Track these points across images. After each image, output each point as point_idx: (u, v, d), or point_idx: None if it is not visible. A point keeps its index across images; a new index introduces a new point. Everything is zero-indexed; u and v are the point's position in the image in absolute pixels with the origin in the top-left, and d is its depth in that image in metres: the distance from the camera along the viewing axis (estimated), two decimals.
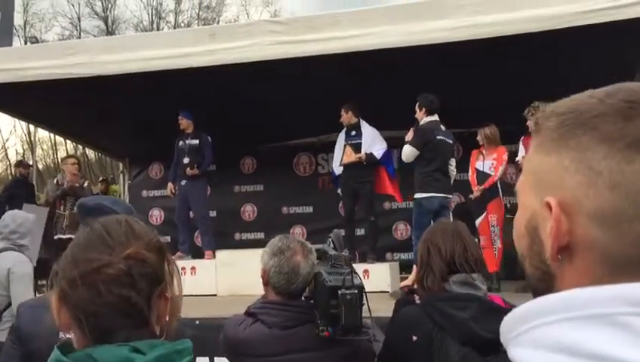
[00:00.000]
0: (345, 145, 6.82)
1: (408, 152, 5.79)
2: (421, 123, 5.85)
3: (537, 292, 0.64)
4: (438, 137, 5.78)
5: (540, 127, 0.68)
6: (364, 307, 2.05)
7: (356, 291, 1.97)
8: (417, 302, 2.03)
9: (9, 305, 3.92)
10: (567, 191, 0.62)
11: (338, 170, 6.96)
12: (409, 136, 5.89)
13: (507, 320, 0.63)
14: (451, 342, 1.81)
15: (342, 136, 6.92)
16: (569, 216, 0.62)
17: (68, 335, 1.83)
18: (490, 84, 6.22)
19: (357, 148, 6.74)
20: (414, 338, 1.87)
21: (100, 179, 12.76)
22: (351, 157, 6.72)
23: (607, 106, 0.62)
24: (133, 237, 1.05)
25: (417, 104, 5.88)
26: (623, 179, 0.59)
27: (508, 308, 1.97)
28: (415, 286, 2.12)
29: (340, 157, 6.88)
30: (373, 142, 6.76)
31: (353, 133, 6.80)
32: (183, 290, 1.12)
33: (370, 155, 6.67)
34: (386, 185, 6.96)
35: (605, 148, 0.60)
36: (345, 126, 6.85)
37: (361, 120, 6.81)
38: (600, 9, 4.81)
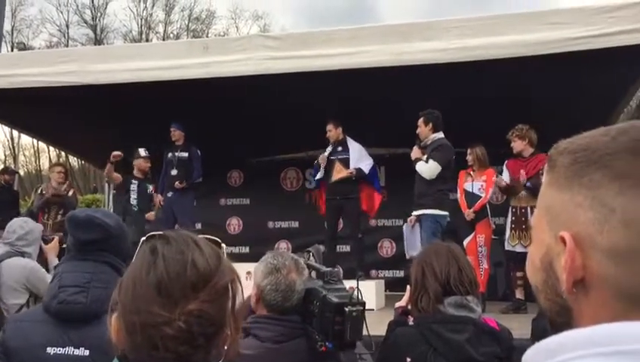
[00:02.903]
0: (334, 161, 6.83)
1: (433, 169, 5.64)
2: (434, 140, 5.75)
3: (556, 326, 0.66)
4: (454, 156, 5.79)
5: (553, 164, 0.69)
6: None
7: (361, 308, 1.99)
8: (411, 323, 2.03)
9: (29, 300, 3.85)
10: (581, 227, 0.63)
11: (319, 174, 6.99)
12: (416, 153, 5.82)
13: (532, 353, 0.64)
14: None
15: (328, 150, 6.90)
16: (583, 251, 0.63)
17: (54, 351, 1.81)
18: (475, 106, 6.29)
19: (345, 163, 6.76)
20: (408, 359, 1.87)
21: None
22: (341, 172, 6.73)
23: (620, 144, 0.64)
24: (198, 283, 0.99)
25: (422, 120, 5.79)
26: (636, 215, 0.60)
27: (502, 331, 1.99)
28: (409, 307, 2.12)
29: (323, 166, 6.89)
30: (361, 158, 6.79)
31: (340, 148, 6.82)
32: None
33: (359, 170, 6.69)
34: (374, 201, 6.98)
35: (618, 185, 0.62)
36: (332, 141, 6.86)
37: (346, 136, 6.84)
38: (583, 37, 4.93)
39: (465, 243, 5.95)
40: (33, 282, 3.85)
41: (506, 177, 5.99)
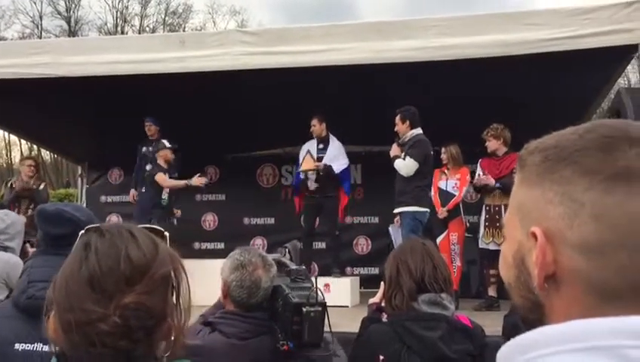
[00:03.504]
0: (307, 153, 6.85)
1: (410, 166, 5.65)
2: (412, 136, 5.76)
3: (528, 323, 0.66)
4: (431, 152, 5.80)
5: (524, 163, 0.71)
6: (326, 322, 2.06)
7: (320, 308, 1.98)
8: (384, 320, 2.03)
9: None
10: (552, 222, 0.64)
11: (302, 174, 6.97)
12: (395, 150, 5.84)
13: (506, 350, 0.64)
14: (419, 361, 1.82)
15: (310, 145, 6.90)
16: (554, 246, 0.64)
17: (23, 347, 1.78)
18: (451, 104, 6.34)
19: (320, 159, 6.77)
20: (382, 357, 1.87)
21: None
22: (309, 164, 6.74)
23: (588, 141, 0.65)
24: (133, 275, 0.98)
25: (399, 117, 5.81)
26: (605, 210, 0.61)
27: (474, 329, 2.01)
28: (383, 304, 2.12)
29: (300, 161, 6.90)
30: (336, 157, 6.79)
31: (321, 146, 6.83)
32: None
33: (327, 167, 6.69)
34: (340, 207, 6.98)
35: (587, 180, 0.63)
36: (315, 137, 6.86)
37: (330, 135, 6.85)
38: (557, 38, 5.01)
39: (438, 240, 5.99)
40: (13, 278, 3.77)
41: (478, 176, 6.04)
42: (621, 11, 4.93)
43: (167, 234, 1.16)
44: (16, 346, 1.73)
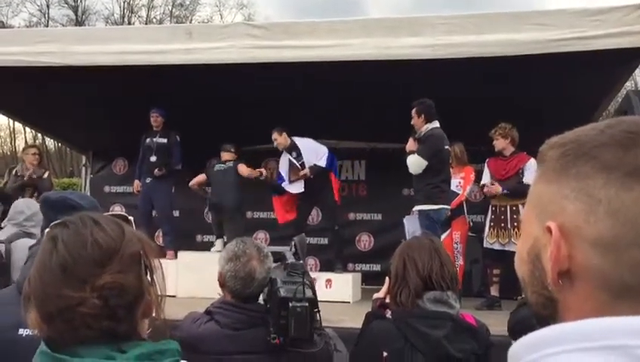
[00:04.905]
0: (289, 166, 6.82)
1: (417, 163, 5.44)
2: (426, 131, 5.56)
3: (541, 319, 0.66)
4: (446, 146, 5.61)
5: (543, 157, 0.70)
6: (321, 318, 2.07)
7: (307, 304, 1.98)
8: (388, 316, 2.02)
9: None
10: (568, 218, 0.64)
11: (287, 186, 6.91)
12: (410, 145, 5.62)
13: (518, 346, 0.64)
14: (423, 360, 1.81)
15: (284, 159, 6.89)
16: (569, 242, 0.63)
17: (27, 332, 1.78)
18: (457, 103, 6.32)
19: (304, 167, 6.74)
20: (385, 354, 1.86)
21: None
22: (298, 175, 6.74)
23: (608, 137, 0.64)
24: (103, 258, 1.00)
25: (414, 110, 5.62)
26: (622, 206, 0.61)
27: (479, 328, 2.00)
28: (387, 300, 2.12)
29: (287, 174, 6.87)
30: (315, 153, 6.76)
31: (294, 154, 6.80)
32: None
33: (314, 168, 6.66)
34: (334, 190, 6.92)
35: (605, 176, 0.62)
36: (282, 150, 6.85)
37: (294, 138, 6.81)
38: (566, 39, 4.98)
39: (441, 239, 5.98)
40: None
41: (486, 175, 6.02)
42: (632, 13, 4.90)
43: (131, 218, 1.18)
44: (20, 331, 1.73)
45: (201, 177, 7.26)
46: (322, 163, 6.68)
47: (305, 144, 6.78)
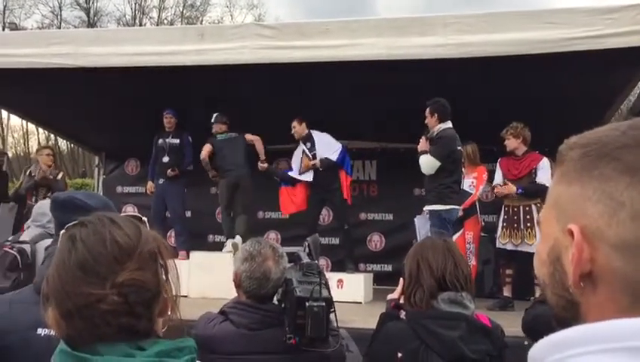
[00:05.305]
0: (303, 154, 6.92)
1: (430, 164, 5.44)
2: (439, 131, 5.53)
3: (561, 321, 0.65)
4: (458, 147, 5.57)
5: (562, 158, 0.69)
6: (333, 317, 2.07)
7: (323, 304, 1.98)
8: (403, 317, 2.02)
9: None
10: (590, 220, 0.63)
11: (296, 175, 7.00)
12: (422, 145, 5.60)
13: (540, 347, 0.64)
14: (438, 360, 1.81)
15: (299, 150, 6.99)
16: (591, 244, 0.63)
17: (45, 332, 1.80)
18: (469, 103, 6.29)
19: (314, 157, 6.81)
20: (399, 354, 1.86)
21: None
22: (307, 165, 6.81)
23: (630, 138, 0.64)
24: (122, 256, 1.01)
25: (428, 110, 5.59)
26: None
27: (494, 329, 1.99)
28: (401, 301, 2.11)
29: (299, 165, 6.95)
30: (328, 147, 6.81)
31: (308, 144, 6.86)
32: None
33: (324, 160, 6.72)
34: (344, 188, 6.92)
35: (628, 178, 0.62)
36: (298, 139, 6.91)
37: (311, 131, 6.87)
38: (579, 37, 4.95)
39: (453, 239, 5.96)
40: None
41: (498, 175, 5.98)
42: None
43: (145, 218, 1.19)
44: (39, 331, 1.75)
45: (208, 147, 7.11)
46: (333, 157, 6.72)
47: (321, 137, 6.85)
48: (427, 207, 5.63)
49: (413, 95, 5.76)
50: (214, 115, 7.15)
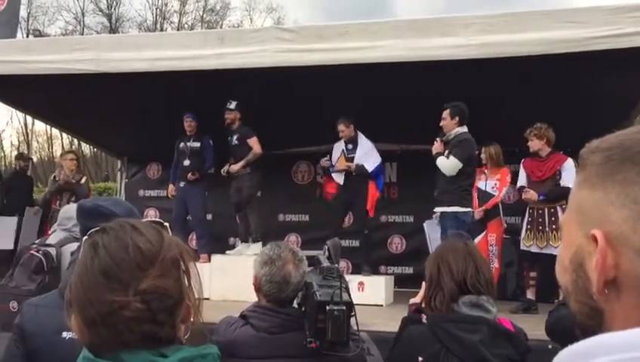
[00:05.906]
0: (341, 152, 6.92)
1: (453, 166, 5.50)
2: (456, 134, 5.60)
3: (585, 329, 0.64)
4: (476, 152, 5.66)
5: (585, 163, 0.68)
6: (354, 321, 2.06)
7: (344, 307, 1.97)
8: (424, 321, 2.00)
9: None
10: (614, 226, 0.62)
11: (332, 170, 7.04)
12: (437, 147, 5.67)
13: (562, 357, 0.62)
14: None
15: (339, 145, 6.96)
16: (615, 250, 0.62)
17: (70, 335, 1.82)
18: (491, 104, 6.24)
19: (351, 160, 6.81)
20: (420, 358, 1.85)
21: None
22: (342, 164, 6.80)
23: None
24: (144, 262, 1.00)
25: (448, 112, 5.63)
26: None
27: (517, 333, 1.97)
28: (423, 305, 2.10)
29: (336, 160, 6.98)
30: (367, 156, 6.80)
31: (350, 146, 6.86)
32: None
33: (360, 167, 6.70)
34: (370, 198, 6.91)
35: None
36: (344, 140, 6.89)
37: (358, 133, 6.86)
38: (601, 36, 4.88)
39: (475, 241, 5.90)
40: None
41: (522, 176, 5.91)
42: None
43: (166, 224, 1.18)
44: (64, 334, 1.77)
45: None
46: (369, 168, 6.73)
47: (365, 144, 6.85)
48: (441, 209, 5.65)
49: (434, 96, 5.74)
50: (228, 103, 7.05)
